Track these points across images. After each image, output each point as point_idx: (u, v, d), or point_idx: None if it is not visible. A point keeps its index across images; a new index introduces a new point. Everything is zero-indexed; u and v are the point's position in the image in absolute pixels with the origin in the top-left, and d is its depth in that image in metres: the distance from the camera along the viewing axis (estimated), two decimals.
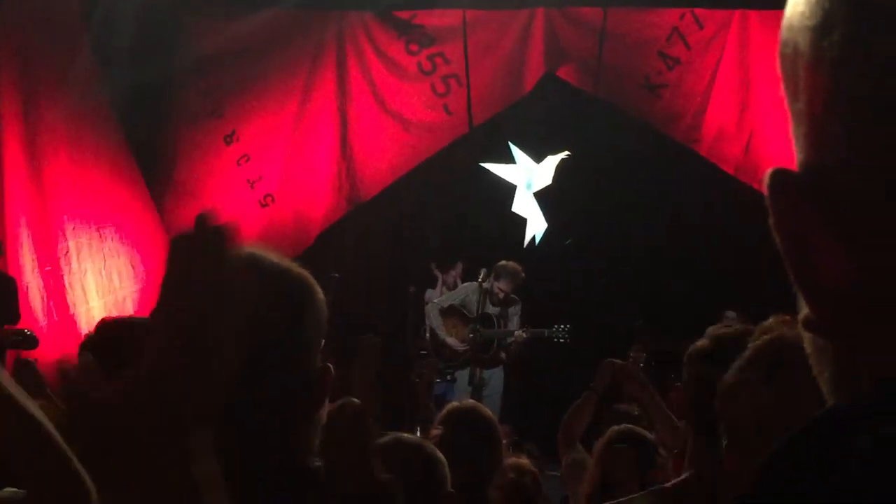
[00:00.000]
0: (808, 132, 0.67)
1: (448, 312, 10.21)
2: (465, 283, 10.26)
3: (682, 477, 2.42)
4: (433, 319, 10.23)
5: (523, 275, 9.99)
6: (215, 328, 0.87)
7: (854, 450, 0.59)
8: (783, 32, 0.71)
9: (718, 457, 2.28)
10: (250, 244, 1.67)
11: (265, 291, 1.57)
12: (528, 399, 10.49)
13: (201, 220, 0.97)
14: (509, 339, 10.01)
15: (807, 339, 0.71)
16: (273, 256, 1.62)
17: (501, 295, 10.00)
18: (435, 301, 10.39)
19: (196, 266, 0.90)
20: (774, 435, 1.41)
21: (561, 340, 9.93)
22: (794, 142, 0.70)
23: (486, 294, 9.87)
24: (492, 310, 10.05)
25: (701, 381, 2.40)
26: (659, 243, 11.42)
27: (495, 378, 10.06)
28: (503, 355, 10.05)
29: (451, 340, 10.10)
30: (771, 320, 1.60)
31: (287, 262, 1.63)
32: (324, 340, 1.65)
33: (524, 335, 9.92)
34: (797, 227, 0.67)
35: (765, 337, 1.53)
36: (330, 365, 1.62)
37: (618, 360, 5.34)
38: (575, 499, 4.46)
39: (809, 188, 0.66)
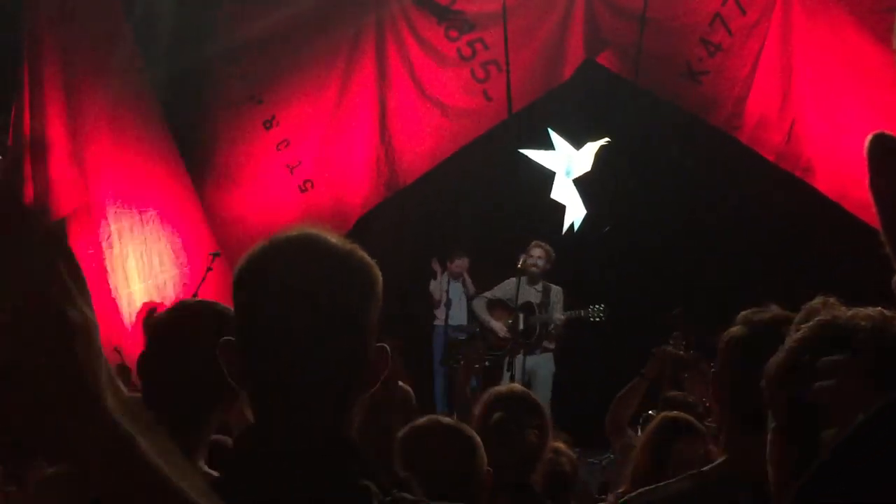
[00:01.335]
0: None
1: (494, 305, 10.27)
2: (511, 278, 10.25)
3: (718, 462, 2.42)
4: (479, 310, 10.29)
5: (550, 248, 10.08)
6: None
7: None
8: None
9: (754, 442, 2.28)
10: (309, 225, 1.69)
11: (330, 271, 1.59)
12: (569, 386, 10.48)
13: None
14: (551, 325, 10.02)
15: None
16: (335, 237, 1.64)
17: (537, 269, 9.98)
18: (483, 295, 10.40)
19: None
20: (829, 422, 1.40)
21: (596, 319, 9.96)
22: None
23: (523, 276, 9.90)
24: (534, 297, 10.05)
25: (735, 366, 2.39)
26: (698, 230, 11.37)
27: (543, 366, 10.06)
28: (546, 342, 10.05)
29: (496, 325, 10.14)
30: (817, 300, 1.59)
31: (350, 244, 1.64)
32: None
33: (561, 318, 9.94)
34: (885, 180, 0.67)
35: (818, 319, 1.52)
36: (386, 346, 1.64)
37: (671, 349, 5.34)
38: (621, 481, 4.47)
39: None
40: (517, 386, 3.65)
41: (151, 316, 5.39)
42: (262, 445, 1.56)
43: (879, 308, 1.54)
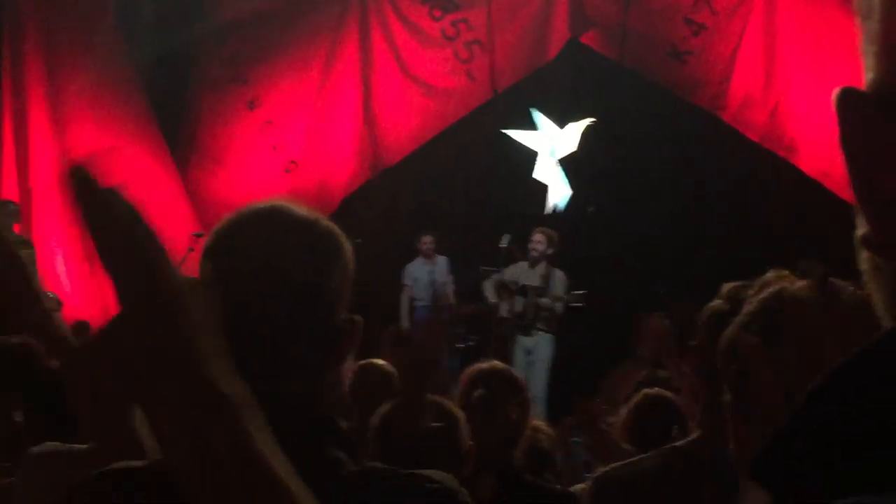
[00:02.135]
0: (881, 49, 0.67)
1: (500, 286, 10.34)
2: (520, 262, 10.29)
3: (692, 437, 2.43)
4: (488, 290, 10.38)
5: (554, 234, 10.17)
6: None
7: None
8: None
9: (725, 417, 2.29)
10: (275, 198, 1.68)
11: (293, 241, 1.59)
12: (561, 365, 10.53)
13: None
14: (544, 308, 10.09)
15: (863, 257, 0.71)
16: (300, 208, 1.63)
17: (536, 254, 10.10)
18: (493, 277, 10.46)
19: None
20: (772, 395, 1.42)
21: (578, 305, 10.02)
22: (863, 59, 0.70)
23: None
24: (534, 280, 10.14)
25: (714, 341, 2.40)
26: (683, 210, 11.38)
27: (542, 347, 10.13)
28: (542, 324, 10.10)
29: (501, 305, 10.22)
30: (770, 274, 1.60)
31: (315, 214, 1.64)
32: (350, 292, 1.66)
33: (547, 301, 10.03)
34: (865, 143, 0.67)
35: (766, 290, 1.53)
36: (358, 317, 1.63)
37: (661, 319, 5.36)
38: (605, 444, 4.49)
39: (880, 103, 0.67)
40: (498, 363, 3.65)
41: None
42: None
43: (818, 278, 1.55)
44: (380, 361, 4.99)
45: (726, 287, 2.54)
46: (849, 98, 0.68)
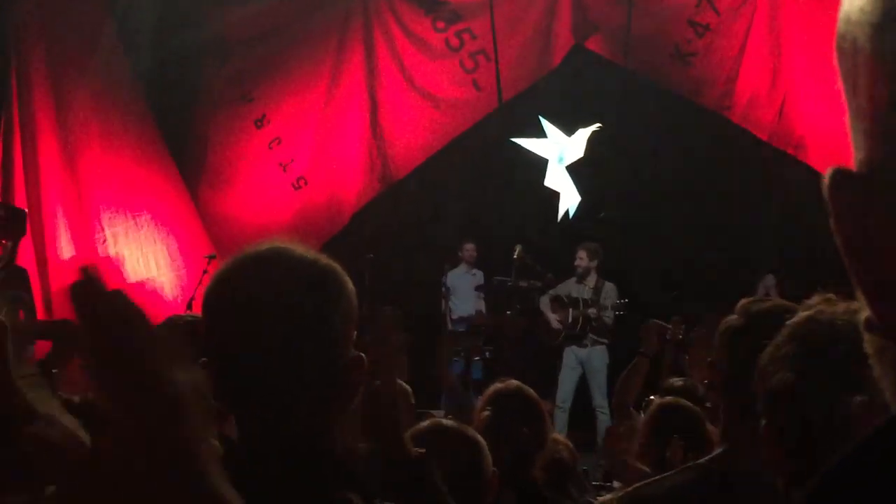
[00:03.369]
0: (870, 129, 0.66)
1: (553, 299, 10.52)
2: (571, 279, 10.47)
3: (716, 453, 2.42)
4: (542, 305, 10.55)
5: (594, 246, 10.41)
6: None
7: None
8: (840, 25, 0.69)
9: (753, 434, 2.28)
10: (278, 236, 1.68)
11: (294, 282, 1.59)
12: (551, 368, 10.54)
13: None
14: (594, 319, 10.21)
15: (868, 340, 0.69)
16: (301, 248, 1.63)
17: (580, 269, 10.34)
18: (549, 292, 10.59)
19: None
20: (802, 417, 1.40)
21: (620, 313, 10.22)
22: (851, 137, 0.68)
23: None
24: (584, 293, 10.35)
25: (733, 356, 2.39)
26: (693, 212, 11.37)
27: (596, 358, 10.23)
28: (595, 335, 10.26)
29: (551, 317, 10.34)
30: (815, 298, 1.59)
31: (315, 254, 1.64)
32: (356, 331, 1.66)
33: (594, 311, 10.18)
34: (859, 226, 0.65)
35: (801, 314, 1.52)
36: (363, 355, 1.63)
37: (660, 322, 5.35)
38: (624, 467, 4.47)
39: (872, 185, 0.65)
40: (513, 382, 3.63)
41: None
42: (241, 462, 1.56)
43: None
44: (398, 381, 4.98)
45: (742, 302, 2.53)
46: (839, 179, 0.67)
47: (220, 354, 1.59)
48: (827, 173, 0.68)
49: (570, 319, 10.29)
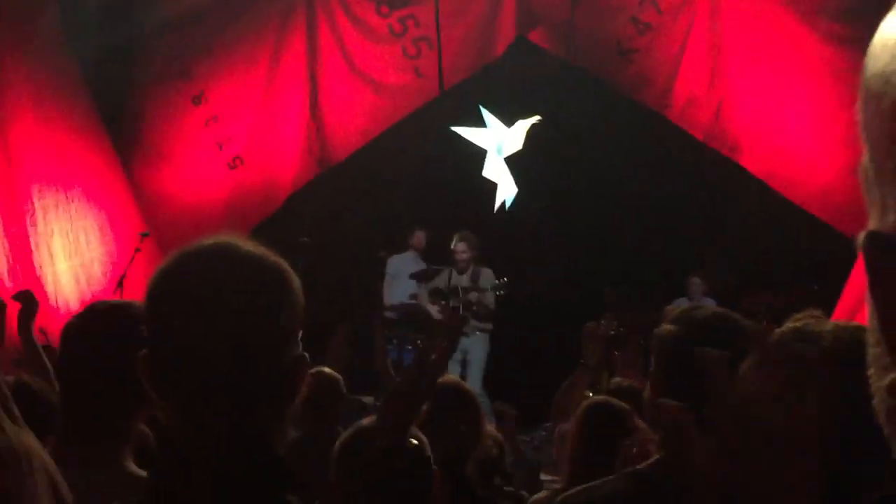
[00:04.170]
0: None
1: (433, 294, 10.53)
2: (448, 270, 10.46)
3: (654, 459, 2.44)
4: (421, 298, 10.58)
5: (473, 237, 10.34)
6: None
7: None
8: (872, 82, 0.68)
9: (690, 443, 2.31)
10: (224, 233, 1.65)
11: (241, 279, 1.56)
12: (502, 363, 10.55)
13: None
14: (473, 306, 10.19)
15: (886, 402, 0.69)
16: (248, 245, 1.61)
17: (462, 262, 10.27)
18: (426, 286, 10.60)
19: None
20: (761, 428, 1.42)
21: (499, 293, 10.22)
22: (878, 197, 0.68)
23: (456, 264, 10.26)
24: (464, 282, 10.31)
25: (671, 364, 2.41)
26: (629, 208, 11.47)
27: (477, 346, 10.24)
28: (478, 322, 10.25)
29: (431, 309, 10.33)
30: (804, 314, 1.61)
31: (262, 250, 1.61)
32: (301, 329, 1.64)
33: (472, 297, 10.17)
34: (892, 287, 0.65)
35: (788, 326, 1.54)
36: (306, 354, 1.62)
37: (597, 323, 5.38)
38: (559, 470, 4.50)
39: None
40: (451, 377, 3.64)
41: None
42: (179, 462, 1.54)
43: (850, 321, 1.57)
44: (327, 369, 4.99)
45: (678, 310, 2.54)
46: (875, 242, 0.66)
47: (162, 349, 1.57)
48: (861, 235, 0.67)
49: (448, 308, 10.23)
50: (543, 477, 6.54)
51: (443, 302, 10.23)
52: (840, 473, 1.30)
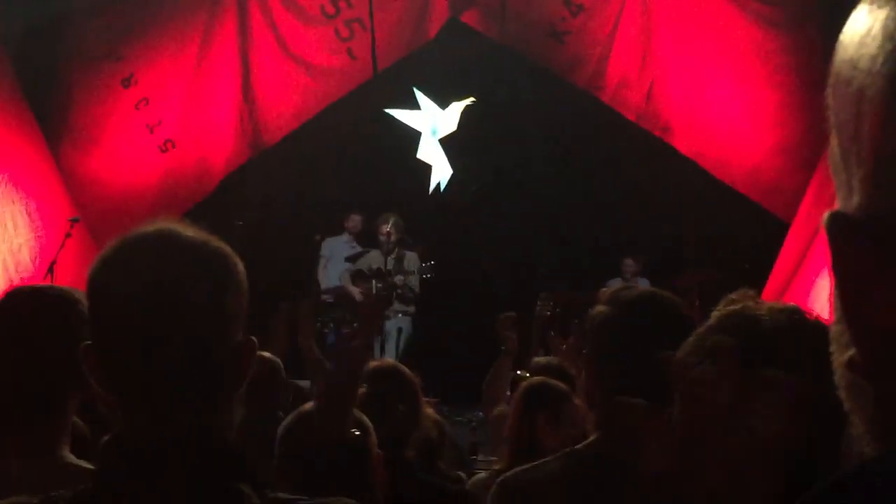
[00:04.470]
0: (870, 175, 0.67)
1: (355, 276, 10.43)
2: (373, 250, 10.50)
3: (591, 439, 2.46)
4: (343, 279, 10.55)
5: (399, 220, 10.36)
6: None
7: None
8: (842, 67, 0.70)
9: (627, 420, 2.34)
10: (163, 218, 1.63)
11: (183, 265, 1.55)
12: (437, 345, 10.57)
13: None
14: (398, 289, 10.22)
15: (846, 378, 0.71)
16: (190, 230, 1.59)
17: (388, 244, 10.32)
18: (348, 267, 10.54)
19: None
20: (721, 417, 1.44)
21: (426, 276, 10.31)
22: (844, 179, 0.70)
23: (394, 240, 10.27)
24: (388, 265, 10.31)
25: (604, 345, 2.44)
26: (562, 189, 11.55)
27: (402, 328, 10.29)
28: (402, 305, 10.28)
29: (353, 290, 10.32)
30: (738, 292, 1.63)
31: (205, 236, 1.60)
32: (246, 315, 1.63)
33: (397, 280, 10.20)
34: (855, 268, 0.67)
35: (729, 308, 1.56)
36: (253, 338, 1.61)
37: (511, 314, 5.43)
38: (499, 453, 4.53)
39: (871, 229, 0.66)
40: (388, 360, 3.65)
41: None
42: (128, 452, 1.52)
43: (787, 303, 1.60)
44: (267, 354, 4.95)
45: (608, 291, 2.57)
46: (837, 223, 0.68)
47: (105, 339, 1.55)
48: (825, 216, 0.69)
49: (373, 291, 10.29)
50: (481, 458, 6.58)
51: (367, 284, 10.24)
52: (798, 469, 1.33)
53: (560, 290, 8.40)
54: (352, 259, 10.74)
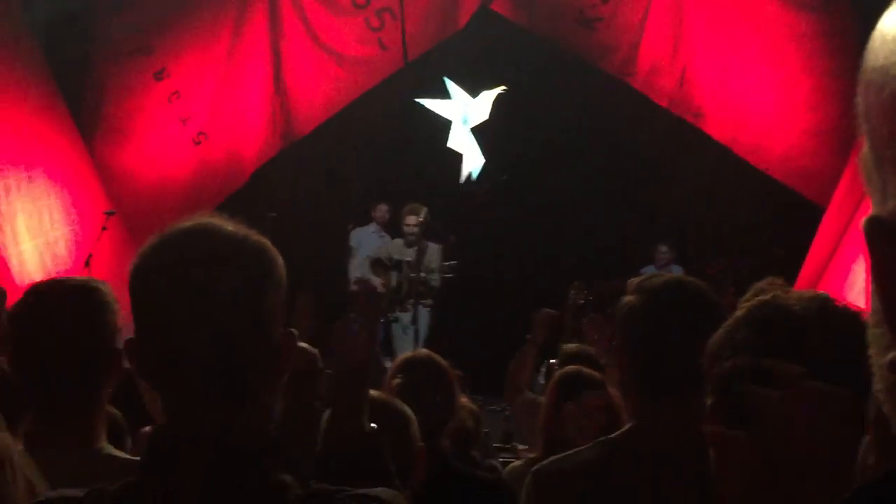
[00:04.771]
0: None
1: (374, 264, 10.40)
2: (395, 239, 10.43)
3: (626, 429, 2.46)
4: (363, 268, 10.43)
5: (428, 213, 10.20)
6: None
7: None
8: (873, 74, 0.69)
9: (661, 409, 2.34)
10: (202, 214, 1.65)
11: (224, 260, 1.56)
12: (471, 335, 10.54)
13: None
14: (420, 283, 10.16)
15: (883, 377, 0.71)
16: (229, 225, 1.61)
17: (412, 235, 10.20)
18: (367, 255, 10.50)
19: None
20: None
21: (448, 276, 10.12)
22: (878, 184, 0.70)
23: (426, 231, 10.18)
24: (409, 256, 10.22)
25: (635, 335, 2.43)
26: (595, 177, 11.51)
27: (421, 321, 10.19)
28: (421, 298, 10.20)
29: (375, 281, 10.27)
30: (764, 281, 1.62)
31: (244, 230, 1.61)
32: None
33: (424, 275, 10.13)
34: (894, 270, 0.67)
35: (758, 298, 1.55)
36: (294, 331, 1.62)
37: (552, 311, 5.43)
38: (533, 442, 4.54)
39: None
40: (422, 351, 3.66)
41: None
42: (172, 445, 1.54)
43: (817, 291, 1.58)
44: (305, 345, 4.96)
45: (635, 281, 2.56)
46: (876, 227, 0.68)
47: (146, 334, 1.57)
48: (864, 222, 0.69)
49: (393, 283, 10.20)
50: (519, 447, 6.59)
51: (386, 275, 10.18)
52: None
53: (592, 279, 8.36)
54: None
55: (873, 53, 0.70)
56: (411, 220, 10.20)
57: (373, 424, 2.31)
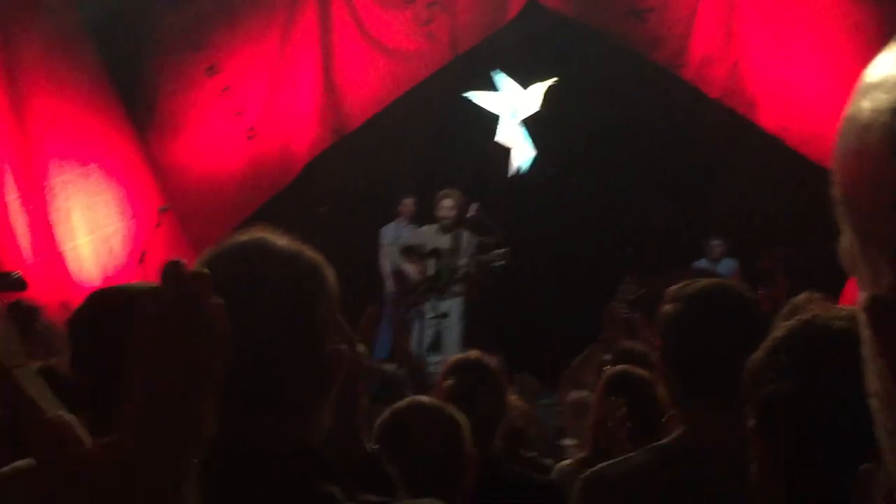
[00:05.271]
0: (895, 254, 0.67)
1: (406, 252, 10.32)
2: (426, 226, 10.33)
3: (677, 434, 2.46)
4: (395, 256, 10.41)
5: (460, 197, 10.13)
6: (195, 394, 0.88)
7: None
8: (848, 159, 0.69)
9: (709, 415, 2.34)
10: (256, 229, 1.67)
11: (277, 275, 1.58)
12: (523, 329, 10.52)
13: (172, 271, 0.91)
14: (457, 271, 10.05)
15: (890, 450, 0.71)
16: (282, 240, 1.63)
17: (447, 220, 10.10)
18: (399, 242, 10.47)
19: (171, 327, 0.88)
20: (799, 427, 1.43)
21: (498, 264, 9.92)
22: (866, 263, 0.69)
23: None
24: (444, 244, 10.12)
25: (678, 343, 2.44)
26: (646, 169, 11.44)
27: (453, 310, 10.10)
28: (455, 286, 10.08)
29: (409, 269, 10.20)
30: (802, 296, 1.61)
31: (297, 245, 1.63)
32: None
33: (463, 262, 10.02)
34: None
35: (797, 318, 1.54)
36: (343, 347, 1.64)
37: (621, 306, 5.41)
38: (581, 441, 4.53)
39: None
40: (473, 353, 3.67)
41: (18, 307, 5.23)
42: (221, 457, 1.56)
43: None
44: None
45: (672, 289, 2.55)
46: (879, 306, 0.67)
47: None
48: (863, 300, 0.68)
49: (429, 271, 10.09)
50: (567, 443, 6.57)
51: (421, 262, 10.09)
52: None
53: (645, 273, 8.33)
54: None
55: (843, 139, 0.70)
56: (447, 202, 10.10)
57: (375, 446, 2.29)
